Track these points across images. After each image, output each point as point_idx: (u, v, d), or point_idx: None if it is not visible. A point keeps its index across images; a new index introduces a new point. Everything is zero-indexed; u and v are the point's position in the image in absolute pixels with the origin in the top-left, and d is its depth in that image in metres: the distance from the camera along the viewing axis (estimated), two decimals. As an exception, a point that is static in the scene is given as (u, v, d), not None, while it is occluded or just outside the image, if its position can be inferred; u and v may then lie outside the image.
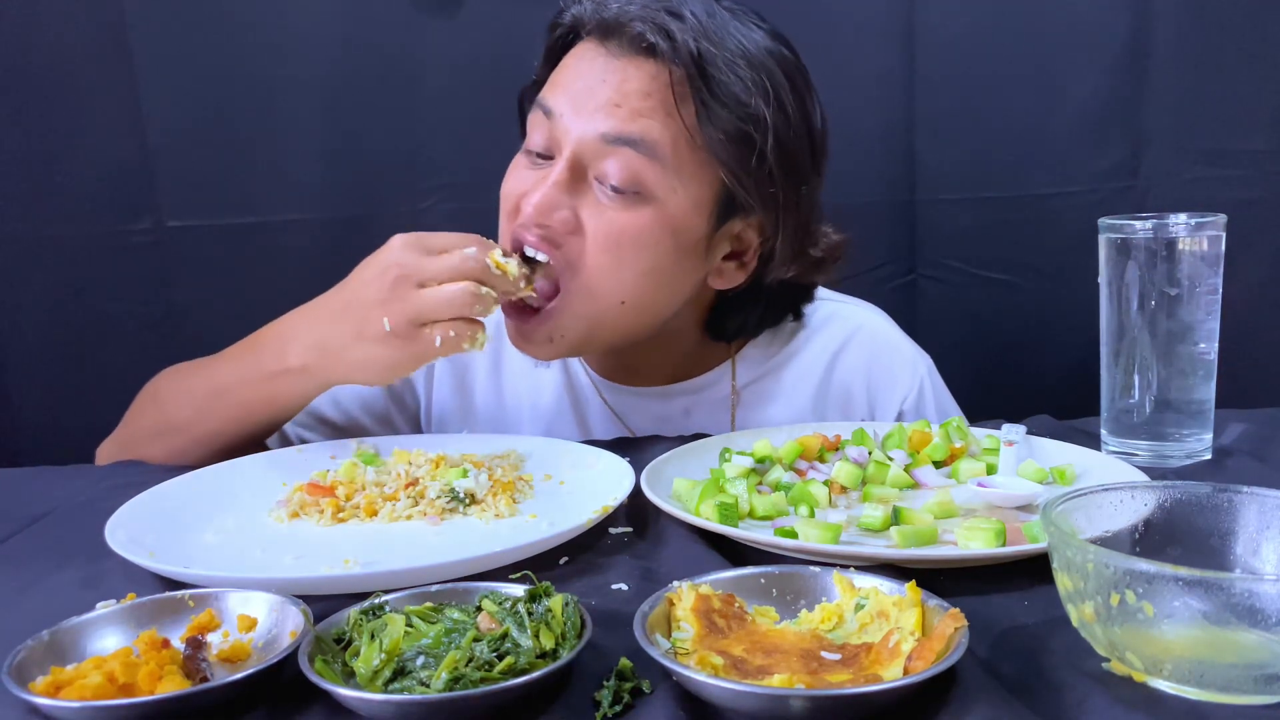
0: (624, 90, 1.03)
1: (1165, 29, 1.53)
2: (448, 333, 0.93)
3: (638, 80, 1.03)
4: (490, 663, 0.58)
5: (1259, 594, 0.54)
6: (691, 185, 1.05)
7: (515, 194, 1.07)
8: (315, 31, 1.55)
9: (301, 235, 1.60)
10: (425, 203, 1.60)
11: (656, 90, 1.03)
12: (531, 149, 1.08)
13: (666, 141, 1.03)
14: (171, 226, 1.59)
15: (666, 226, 1.04)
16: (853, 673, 0.58)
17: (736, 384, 1.22)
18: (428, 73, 1.56)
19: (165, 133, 1.56)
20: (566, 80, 1.07)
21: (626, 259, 1.04)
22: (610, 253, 1.03)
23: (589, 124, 1.03)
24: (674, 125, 1.03)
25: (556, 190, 1.03)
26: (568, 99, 1.05)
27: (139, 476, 1.04)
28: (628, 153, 1.02)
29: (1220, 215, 0.97)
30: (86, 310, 1.61)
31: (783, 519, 0.87)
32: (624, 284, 1.05)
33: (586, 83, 1.05)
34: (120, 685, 0.58)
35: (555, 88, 1.07)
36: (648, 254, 1.04)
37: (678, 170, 1.04)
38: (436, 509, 0.90)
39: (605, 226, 1.03)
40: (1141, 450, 1.00)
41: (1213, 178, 1.56)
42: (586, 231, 1.03)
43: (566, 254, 1.04)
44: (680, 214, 1.05)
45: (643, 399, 1.22)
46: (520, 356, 1.16)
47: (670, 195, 1.04)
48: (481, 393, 1.25)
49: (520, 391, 1.24)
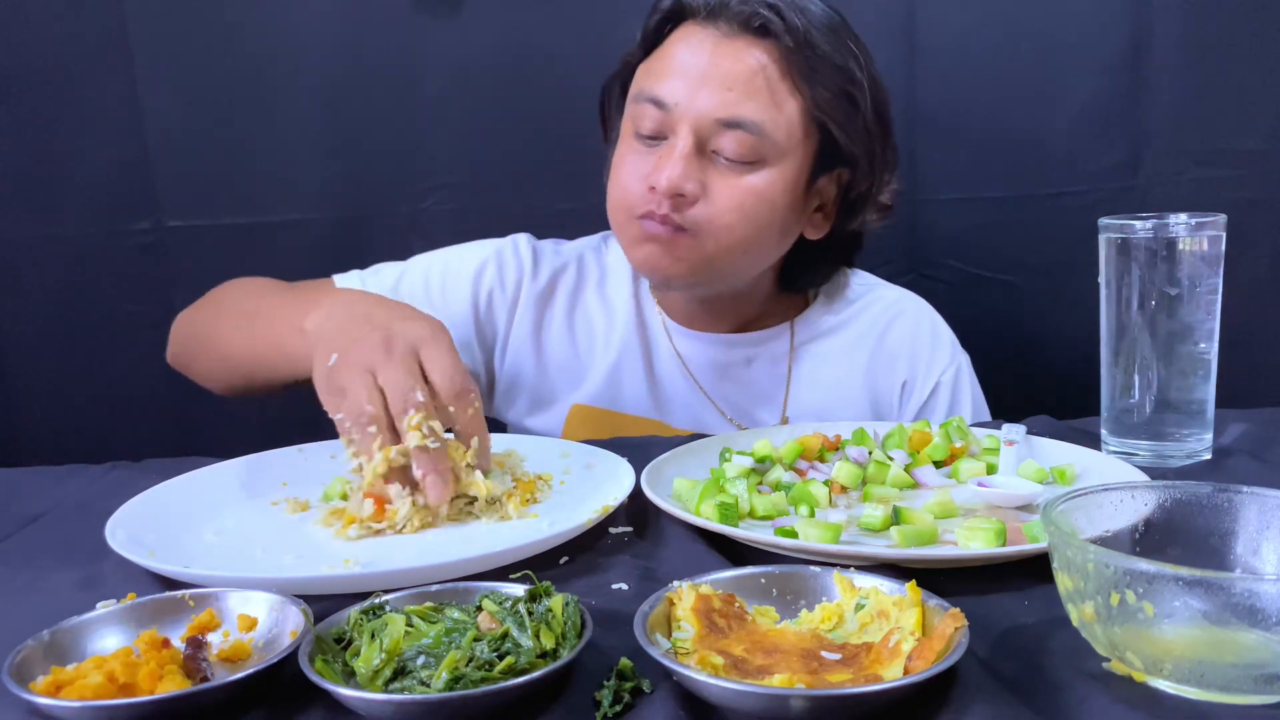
0: (735, 72, 1.12)
1: (1165, 29, 1.53)
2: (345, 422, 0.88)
3: (747, 61, 1.13)
4: (490, 663, 0.58)
5: (1259, 594, 0.54)
6: (796, 149, 1.16)
7: (639, 176, 1.15)
8: (315, 31, 1.55)
9: (301, 235, 1.60)
10: (425, 203, 1.60)
11: (764, 69, 1.13)
12: (642, 134, 1.16)
13: (774, 117, 1.13)
14: (171, 226, 1.59)
15: (780, 185, 1.16)
16: (853, 673, 0.58)
17: (795, 341, 1.32)
18: (428, 73, 1.56)
19: (165, 133, 1.56)
20: (677, 68, 1.14)
21: (750, 215, 1.15)
22: (738, 211, 1.14)
23: (705, 107, 1.12)
24: (781, 99, 1.13)
25: (685, 163, 1.12)
26: (682, 87, 1.13)
27: (139, 476, 1.04)
28: (740, 133, 1.12)
29: (1220, 215, 0.97)
30: (86, 310, 1.61)
31: (783, 519, 0.87)
32: (746, 237, 1.16)
33: (698, 67, 1.13)
34: (120, 685, 0.58)
35: (665, 76, 1.15)
36: (766, 211, 1.16)
37: (786, 138, 1.14)
38: (454, 509, 0.90)
39: (730, 189, 1.14)
40: (1141, 450, 1.00)
41: (1213, 178, 1.56)
42: (713, 195, 1.14)
43: (694, 217, 1.14)
44: (789, 174, 1.16)
45: (709, 345, 1.30)
46: (597, 303, 1.31)
47: (780, 159, 1.15)
48: (556, 334, 1.31)
49: (594, 334, 1.31)
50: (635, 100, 1.18)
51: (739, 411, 1.30)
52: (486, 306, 1.29)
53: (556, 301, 1.31)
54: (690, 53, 1.14)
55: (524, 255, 1.31)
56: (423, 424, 0.85)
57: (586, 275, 1.33)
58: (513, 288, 1.30)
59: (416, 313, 0.97)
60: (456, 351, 0.91)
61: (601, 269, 1.34)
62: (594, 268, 1.34)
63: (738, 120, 1.12)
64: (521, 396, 1.31)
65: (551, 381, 1.30)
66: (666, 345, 1.30)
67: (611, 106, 1.28)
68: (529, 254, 1.31)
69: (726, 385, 1.30)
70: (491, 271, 1.29)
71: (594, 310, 1.32)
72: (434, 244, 1.57)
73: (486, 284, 1.29)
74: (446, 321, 1.22)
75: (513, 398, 1.31)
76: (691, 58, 1.14)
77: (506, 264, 1.30)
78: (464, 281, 1.29)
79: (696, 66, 1.13)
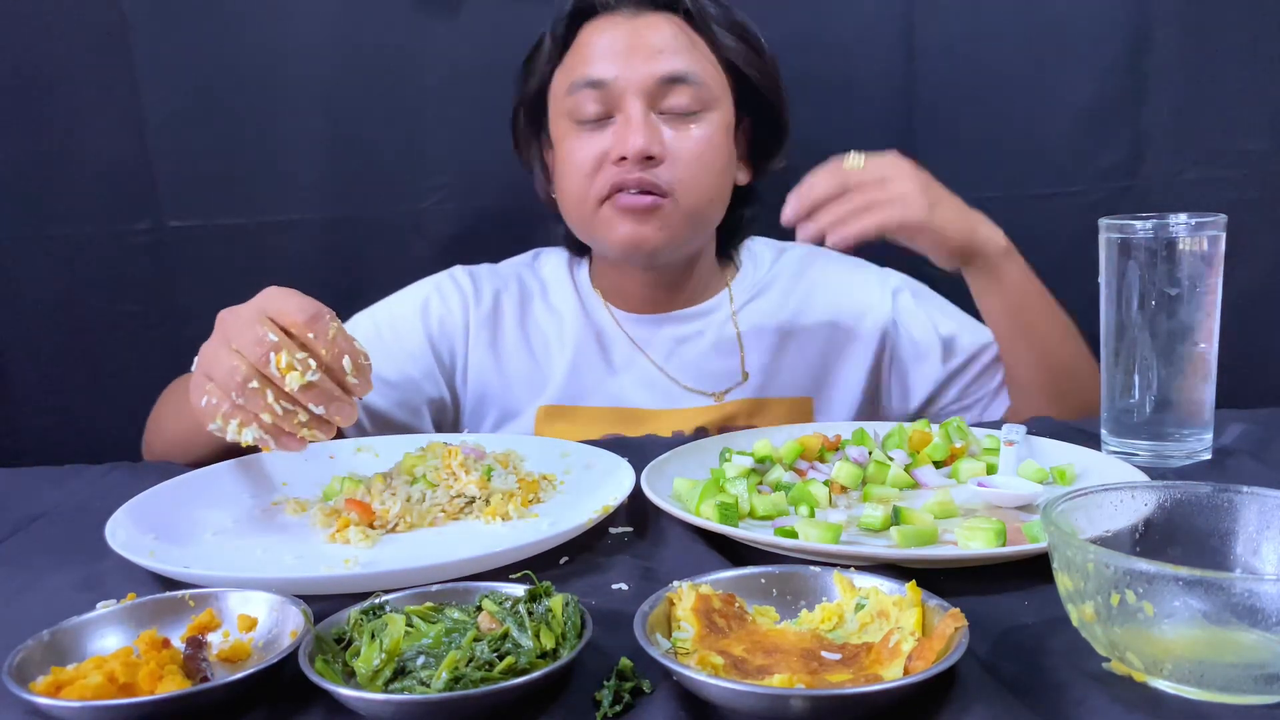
0: (660, 37, 1.23)
1: (1165, 29, 1.53)
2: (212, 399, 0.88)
3: (664, 28, 1.23)
4: (490, 663, 0.58)
5: (1259, 594, 0.54)
6: (722, 96, 1.26)
7: (595, 155, 1.22)
8: (315, 31, 1.55)
9: (301, 235, 1.60)
10: (425, 202, 1.59)
11: (679, 32, 1.24)
12: (585, 119, 1.23)
13: (701, 68, 1.23)
14: (171, 226, 1.59)
15: (721, 128, 1.25)
16: (853, 673, 0.58)
17: (735, 305, 1.38)
18: (427, 72, 1.56)
19: (165, 133, 1.56)
20: (602, 50, 1.23)
21: (708, 164, 1.24)
22: (699, 160, 1.23)
23: (645, 71, 1.21)
24: (698, 55, 1.24)
25: (648, 124, 1.20)
26: (614, 62, 1.21)
27: (139, 476, 1.04)
28: (684, 85, 1.22)
29: (1220, 215, 0.97)
30: (86, 310, 1.61)
31: (783, 519, 0.87)
32: (710, 185, 1.25)
33: (624, 42, 1.22)
34: (120, 685, 0.58)
35: (590, 61, 1.23)
36: (719, 154, 1.25)
37: (715, 86, 1.25)
38: (454, 508, 0.91)
39: (688, 142, 1.22)
40: (1141, 450, 1.00)
41: (1213, 178, 1.55)
42: (671, 154, 1.21)
43: (663, 176, 1.21)
44: (724, 119, 1.26)
45: (659, 324, 1.36)
46: (544, 312, 1.36)
47: (717, 105, 1.25)
48: (512, 347, 1.35)
49: (549, 340, 1.36)
50: (570, 93, 1.24)
51: (700, 379, 1.34)
52: (440, 334, 1.34)
53: (505, 317, 1.36)
54: (609, 35, 1.23)
55: (463, 283, 1.36)
56: (290, 361, 0.84)
57: (529, 289, 1.38)
58: (460, 313, 1.34)
59: None
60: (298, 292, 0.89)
61: (541, 282, 1.40)
62: (533, 281, 1.39)
63: (679, 74, 1.21)
64: (490, 412, 1.35)
65: (516, 392, 1.34)
66: (619, 334, 1.35)
67: (520, 132, 1.36)
68: (467, 280, 1.37)
69: (683, 358, 1.35)
70: (436, 302, 1.34)
71: (543, 319, 1.37)
72: (434, 244, 1.57)
73: (435, 313, 1.34)
74: (405, 355, 1.32)
75: (482, 414, 1.35)
76: (612, 38, 1.23)
77: (449, 294, 1.35)
78: (412, 317, 1.33)
79: (621, 42, 1.22)
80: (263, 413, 0.85)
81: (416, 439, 1.09)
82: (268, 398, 0.85)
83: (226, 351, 0.86)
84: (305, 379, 0.84)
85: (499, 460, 0.98)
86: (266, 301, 0.87)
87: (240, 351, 0.85)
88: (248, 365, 0.85)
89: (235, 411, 0.86)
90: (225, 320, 0.89)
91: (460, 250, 1.40)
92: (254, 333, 0.85)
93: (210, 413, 0.88)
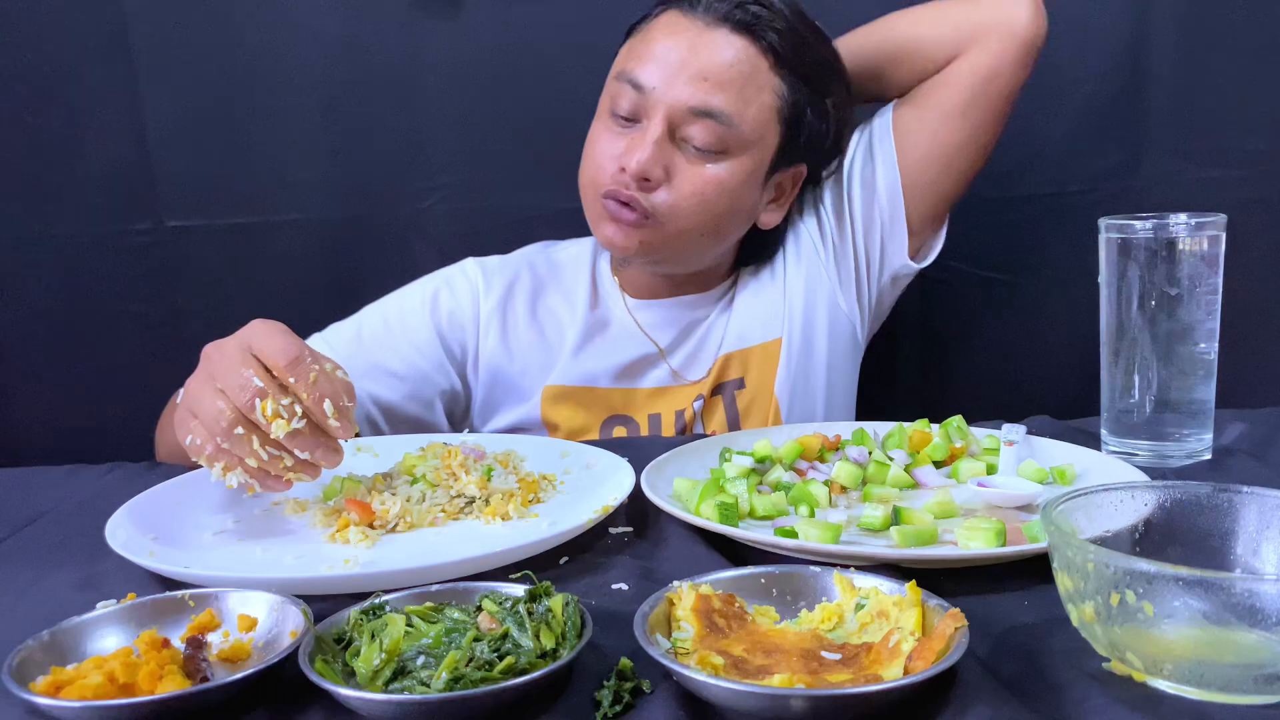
0: (713, 63, 1.17)
1: (1165, 29, 1.53)
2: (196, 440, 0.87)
3: (726, 54, 1.17)
4: (490, 663, 0.58)
5: (1259, 594, 0.54)
6: (760, 143, 1.21)
7: (611, 155, 1.20)
8: (315, 31, 1.55)
9: (301, 235, 1.60)
10: (425, 203, 1.59)
11: (742, 63, 1.18)
12: (618, 113, 1.20)
13: (744, 110, 1.18)
14: (171, 226, 1.59)
15: (740, 177, 1.21)
16: (853, 673, 0.58)
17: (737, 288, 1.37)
18: (428, 73, 1.56)
19: (165, 133, 1.56)
20: (655, 52, 1.19)
21: (709, 203, 1.20)
22: (697, 198, 1.19)
23: (679, 94, 1.16)
24: (752, 94, 1.18)
25: (657, 148, 1.17)
26: (658, 71, 1.17)
27: (139, 476, 1.04)
28: (710, 122, 1.17)
29: (1220, 215, 0.97)
30: (86, 310, 1.61)
31: (783, 519, 0.87)
32: (703, 224, 1.22)
33: (678, 54, 1.17)
34: (120, 685, 0.58)
35: (643, 60, 1.19)
36: (725, 199, 1.21)
37: (752, 131, 1.19)
38: (454, 508, 0.91)
39: (693, 177, 1.19)
40: (1141, 450, 1.00)
41: (1213, 178, 1.55)
42: (675, 181, 1.19)
43: (656, 200, 1.19)
44: (750, 166, 1.22)
45: (668, 310, 1.34)
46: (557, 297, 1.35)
47: (744, 151, 1.20)
48: (524, 331, 1.34)
49: (560, 320, 1.35)
50: (616, 79, 1.22)
51: (688, 363, 1.34)
52: (449, 326, 1.32)
53: (517, 304, 1.34)
54: (671, 39, 1.18)
55: (473, 274, 1.35)
56: (276, 409, 0.83)
57: (541, 276, 1.37)
58: (470, 304, 1.33)
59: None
60: (285, 328, 0.88)
61: (553, 266, 1.38)
62: (546, 268, 1.38)
63: (709, 110, 1.16)
64: (502, 397, 1.34)
65: (527, 375, 1.33)
66: (628, 319, 1.34)
67: None
68: (477, 272, 1.35)
69: (682, 341, 1.34)
70: (445, 295, 1.33)
71: (555, 303, 1.36)
72: (434, 243, 1.57)
73: (444, 306, 1.32)
74: (413, 349, 1.30)
75: (495, 402, 1.34)
76: (672, 45, 1.18)
77: (458, 286, 1.34)
78: (421, 310, 1.32)
79: (676, 54, 1.17)
80: (248, 458, 0.84)
81: (417, 439, 1.09)
82: (253, 444, 0.83)
83: (212, 392, 0.84)
84: (291, 427, 0.83)
85: (499, 460, 0.98)
86: (252, 338, 0.86)
87: (226, 393, 0.84)
88: (233, 410, 0.83)
89: (220, 455, 0.85)
90: (211, 357, 0.87)
91: (460, 250, 1.39)
92: (239, 376, 0.83)
93: (195, 452, 0.86)
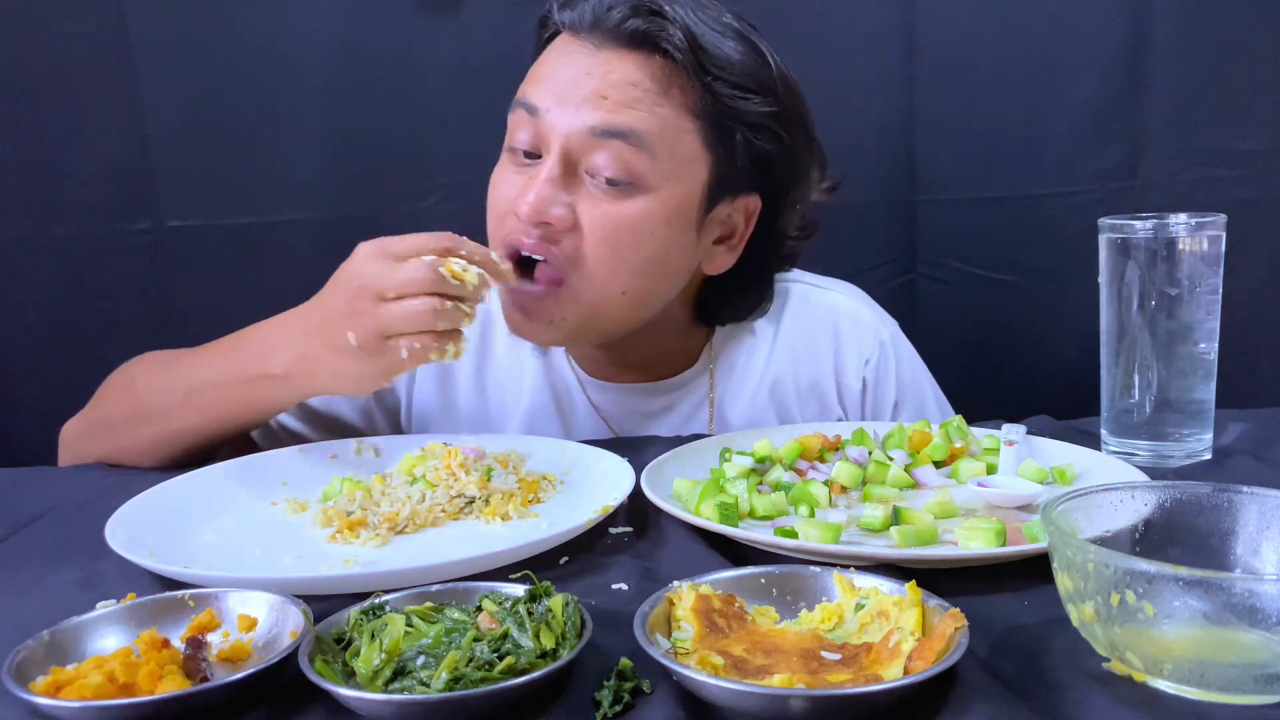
0: (610, 81, 1.01)
1: (1165, 29, 1.53)
2: (414, 345, 0.90)
3: (623, 70, 1.01)
4: (490, 663, 0.58)
5: (1259, 594, 0.54)
6: (683, 171, 1.04)
7: (506, 199, 1.05)
8: (315, 31, 1.55)
9: (301, 235, 1.60)
10: (425, 202, 1.60)
11: (643, 79, 1.01)
12: (516, 148, 1.06)
13: (656, 130, 1.01)
14: (171, 226, 1.59)
15: (661, 215, 1.03)
16: (853, 673, 0.58)
17: (716, 379, 1.23)
18: (428, 72, 1.56)
19: (165, 133, 1.56)
20: (548, 74, 1.05)
21: (625, 250, 1.03)
22: (609, 245, 1.02)
23: (576, 117, 1.01)
24: (663, 112, 1.02)
25: (550, 187, 1.01)
26: (551, 93, 1.03)
27: (139, 476, 1.04)
28: (617, 144, 1.00)
29: (1220, 215, 0.97)
30: (86, 310, 1.61)
31: (783, 519, 0.87)
32: (623, 275, 1.04)
33: (570, 74, 1.02)
34: (120, 685, 0.58)
35: (537, 83, 1.05)
36: (645, 244, 1.04)
37: (670, 157, 1.03)
38: (454, 508, 0.91)
39: (601, 219, 1.02)
40: (1141, 450, 1.00)
41: (1213, 178, 1.56)
42: (583, 226, 1.02)
43: (565, 250, 1.02)
44: (674, 201, 1.04)
45: (626, 396, 1.21)
46: (506, 355, 1.21)
47: (663, 183, 1.03)
48: (465, 392, 1.23)
49: (505, 390, 1.23)
50: (511, 108, 1.07)
51: None
52: None
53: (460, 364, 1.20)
54: (565, 62, 1.04)
55: None
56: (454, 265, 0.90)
57: (491, 321, 1.21)
58: None
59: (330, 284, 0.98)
60: None
61: None
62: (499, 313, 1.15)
63: (613, 129, 1.00)
64: None
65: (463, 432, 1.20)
66: (582, 399, 1.21)
67: None
68: None
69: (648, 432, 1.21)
70: None
71: (504, 357, 1.23)
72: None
73: None
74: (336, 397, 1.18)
75: None
76: (565, 67, 1.03)
77: None
78: None
79: (569, 75, 1.02)
80: (463, 322, 0.90)
81: (417, 439, 1.09)
82: (464, 307, 0.90)
83: (387, 305, 0.89)
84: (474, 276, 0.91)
85: (499, 460, 0.98)
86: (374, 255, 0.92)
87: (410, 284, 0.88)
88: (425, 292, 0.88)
89: (442, 339, 0.89)
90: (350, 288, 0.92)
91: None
92: (406, 270, 0.89)
93: (417, 358, 0.90)
